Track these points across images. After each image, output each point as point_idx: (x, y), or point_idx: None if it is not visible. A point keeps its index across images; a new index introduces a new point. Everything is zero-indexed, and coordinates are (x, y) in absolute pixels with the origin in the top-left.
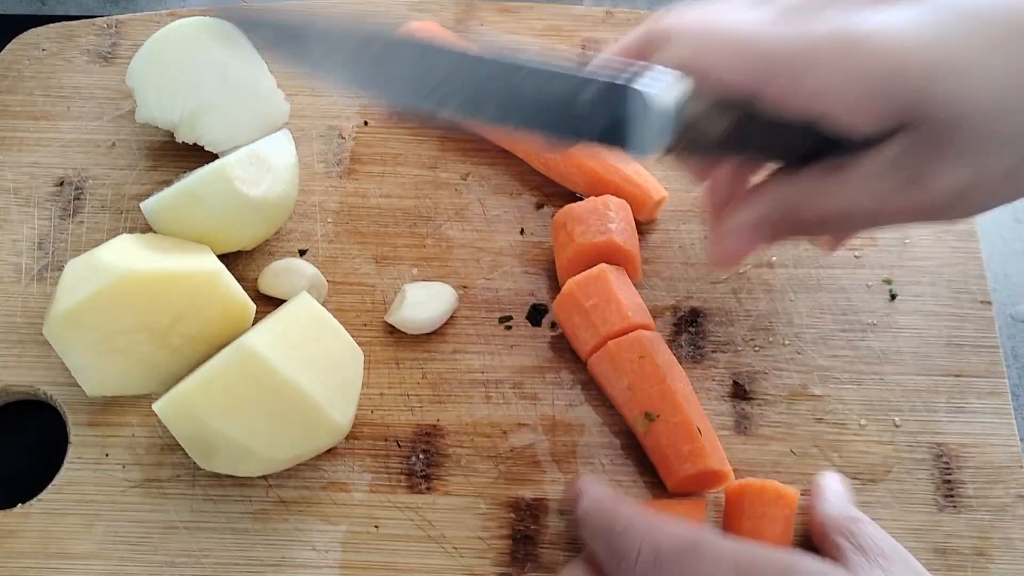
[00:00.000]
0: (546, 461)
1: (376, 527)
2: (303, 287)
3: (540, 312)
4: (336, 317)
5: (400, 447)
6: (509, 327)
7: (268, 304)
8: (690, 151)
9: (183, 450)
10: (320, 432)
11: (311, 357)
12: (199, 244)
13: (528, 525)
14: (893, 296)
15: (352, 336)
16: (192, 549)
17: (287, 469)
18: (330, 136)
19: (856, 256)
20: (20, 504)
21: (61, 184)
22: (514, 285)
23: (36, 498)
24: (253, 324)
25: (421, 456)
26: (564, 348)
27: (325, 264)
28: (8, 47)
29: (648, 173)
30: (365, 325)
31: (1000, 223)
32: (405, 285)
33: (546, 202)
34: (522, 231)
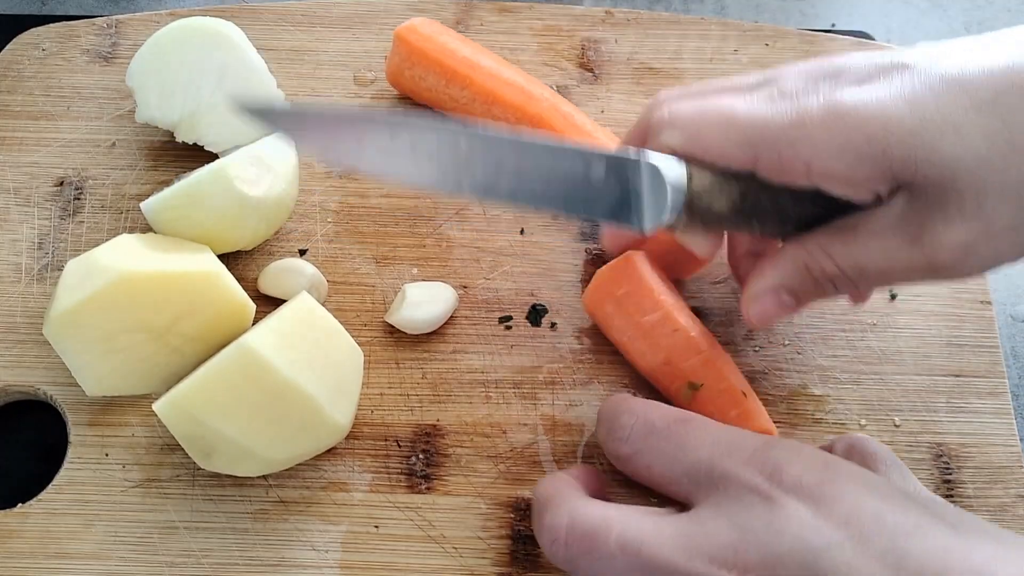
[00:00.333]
0: (546, 461)
1: (376, 527)
2: (303, 287)
3: (540, 312)
4: (336, 317)
5: (400, 447)
6: (509, 327)
7: (268, 304)
8: (699, 225)
9: (183, 450)
10: (320, 432)
11: (311, 357)
12: (199, 244)
13: (528, 525)
14: (893, 296)
15: (352, 336)
16: (192, 549)
17: (287, 469)
18: None
19: None
20: (20, 504)
21: (61, 184)
22: (514, 285)
23: (36, 498)
24: (253, 324)
25: (421, 456)
26: (564, 348)
27: (325, 264)
28: (8, 47)
29: None
30: (365, 325)
31: None
32: (405, 285)
33: None
34: (522, 231)
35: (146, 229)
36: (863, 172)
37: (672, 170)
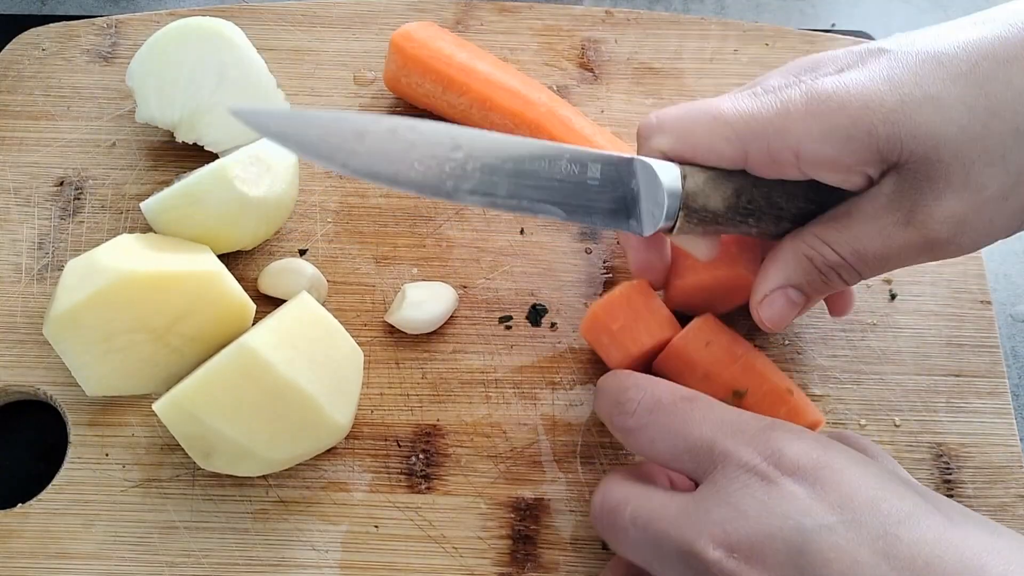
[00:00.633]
0: (546, 461)
1: (376, 527)
2: (303, 287)
3: (540, 312)
4: (336, 317)
5: (400, 447)
6: (509, 327)
7: (268, 304)
8: (696, 226)
9: (183, 450)
10: (320, 432)
11: (311, 357)
12: (199, 244)
13: (528, 525)
14: (893, 296)
15: (352, 336)
16: (192, 549)
17: (287, 469)
18: None
19: None
20: (20, 504)
21: (61, 184)
22: (514, 285)
23: (36, 498)
24: (253, 324)
25: (421, 456)
26: (564, 348)
27: (325, 264)
28: (8, 47)
29: None
30: (365, 325)
31: None
32: (405, 285)
33: None
34: (522, 231)
35: (146, 229)
36: (851, 155)
37: (665, 170)
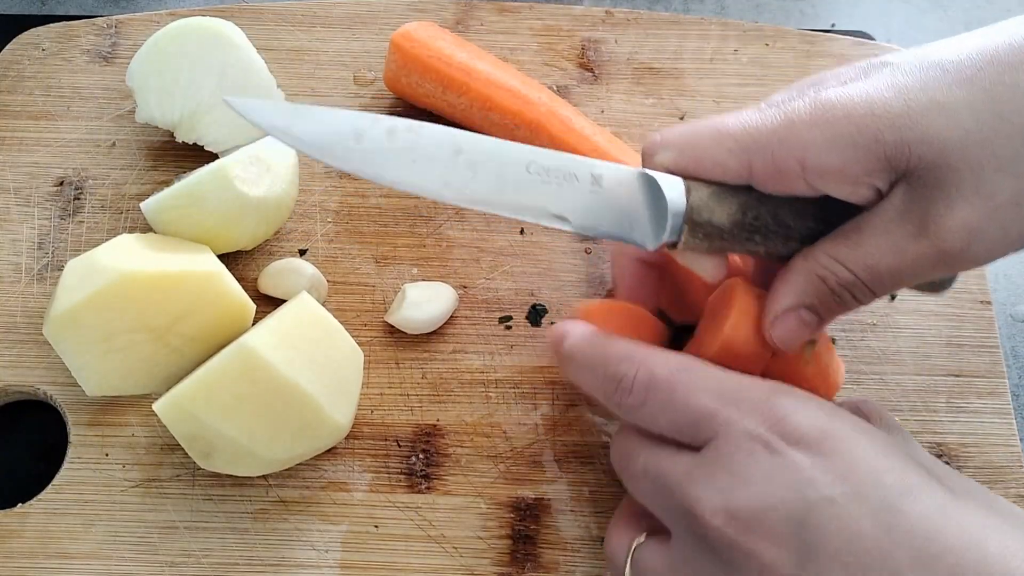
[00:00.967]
0: (546, 461)
1: (376, 527)
2: (303, 287)
3: (540, 312)
4: (336, 317)
5: (400, 447)
6: (509, 327)
7: (268, 304)
8: (702, 242)
9: (183, 450)
10: (320, 432)
11: (311, 357)
12: (199, 244)
13: (528, 525)
14: (893, 296)
15: (352, 336)
16: (192, 549)
17: (287, 469)
18: None
19: None
20: (20, 504)
21: (61, 184)
22: (514, 285)
23: (36, 498)
24: (253, 324)
25: (421, 456)
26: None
27: (325, 264)
28: (8, 47)
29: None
30: (365, 325)
31: None
32: (405, 285)
33: None
34: (522, 231)
35: (146, 229)
36: (857, 163)
37: (670, 183)
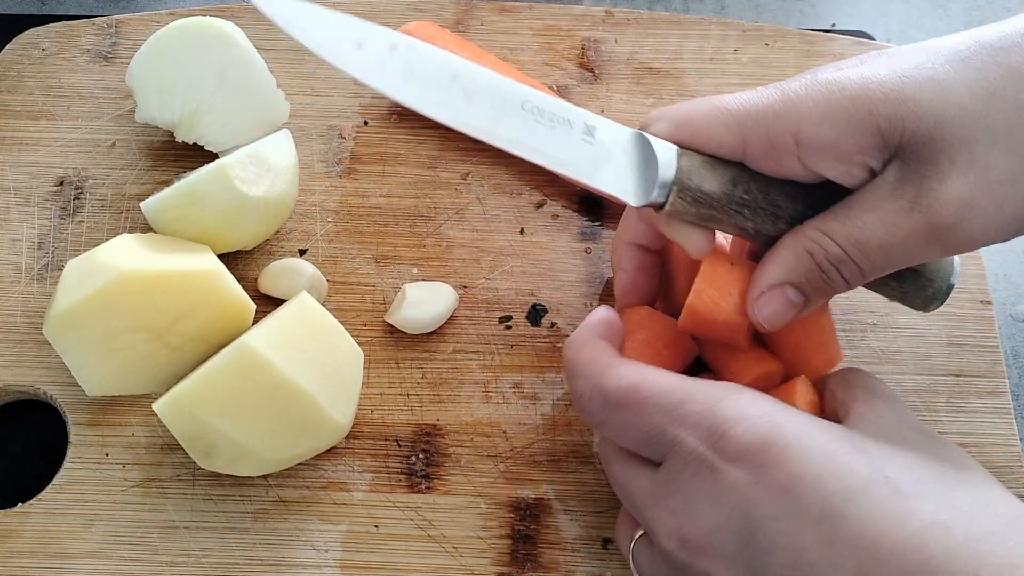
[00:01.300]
0: (546, 461)
1: (376, 527)
2: (303, 287)
3: (540, 312)
4: (336, 317)
5: (400, 447)
6: (509, 327)
7: (268, 304)
8: (690, 210)
9: (183, 450)
10: (320, 432)
11: (311, 357)
12: (199, 244)
13: (528, 525)
14: None
15: (352, 336)
16: (192, 549)
17: (287, 469)
18: (330, 136)
19: None
20: (20, 504)
21: (61, 184)
22: (514, 285)
23: (36, 498)
24: (253, 324)
25: (421, 456)
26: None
27: (325, 264)
28: (8, 47)
29: None
30: (365, 325)
31: None
32: (405, 285)
33: (546, 201)
34: (522, 231)
35: (146, 229)
36: (852, 138)
37: (663, 145)
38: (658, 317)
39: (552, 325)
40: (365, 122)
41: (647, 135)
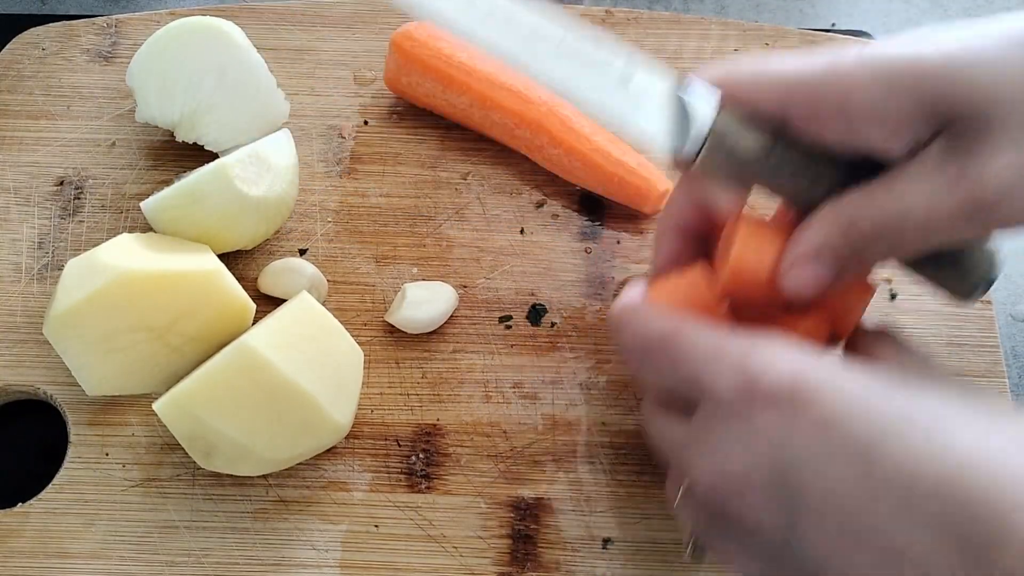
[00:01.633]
0: (546, 461)
1: (376, 526)
2: (303, 287)
3: (540, 312)
4: (336, 316)
5: (400, 446)
6: (509, 327)
7: (268, 304)
8: (723, 166)
9: (183, 450)
10: (320, 431)
11: (311, 357)
12: (199, 244)
13: (528, 525)
14: (893, 296)
15: (352, 336)
16: (192, 549)
17: (287, 469)
18: (330, 136)
19: None
20: (20, 504)
21: (61, 184)
22: (514, 285)
23: (36, 498)
24: (253, 324)
25: (421, 455)
26: (564, 348)
27: (325, 264)
28: (8, 47)
29: (652, 165)
30: (365, 325)
31: None
32: (405, 285)
33: (546, 201)
34: (522, 231)
35: (146, 229)
36: (900, 107)
37: (701, 95)
38: (694, 282)
39: (552, 325)
40: (365, 122)
41: (687, 84)
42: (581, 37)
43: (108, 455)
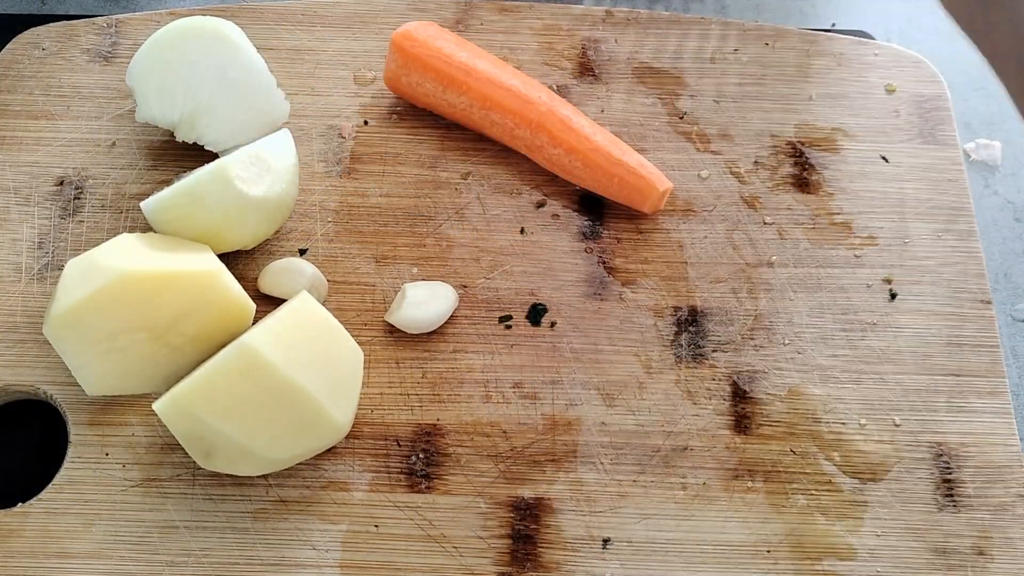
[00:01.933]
0: (546, 461)
1: (376, 526)
2: (303, 287)
3: (540, 312)
4: (336, 317)
5: (400, 446)
6: (509, 327)
7: (268, 304)
8: None
9: (183, 450)
10: (320, 431)
11: (311, 357)
12: (199, 244)
13: (528, 525)
14: (893, 295)
15: (352, 336)
16: (192, 548)
17: (287, 469)
18: (330, 136)
19: (856, 256)
20: (20, 503)
21: (61, 184)
22: (514, 285)
23: (36, 497)
24: (253, 324)
25: (421, 455)
26: (564, 348)
27: (325, 263)
28: (8, 47)
29: (651, 165)
30: (365, 325)
31: (1000, 223)
32: (405, 285)
33: (546, 201)
34: (522, 230)
35: (146, 229)
36: None
37: None
38: None
39: (552, 325)
40: (365, 122)
41: None
42: None
43: (108, 455)
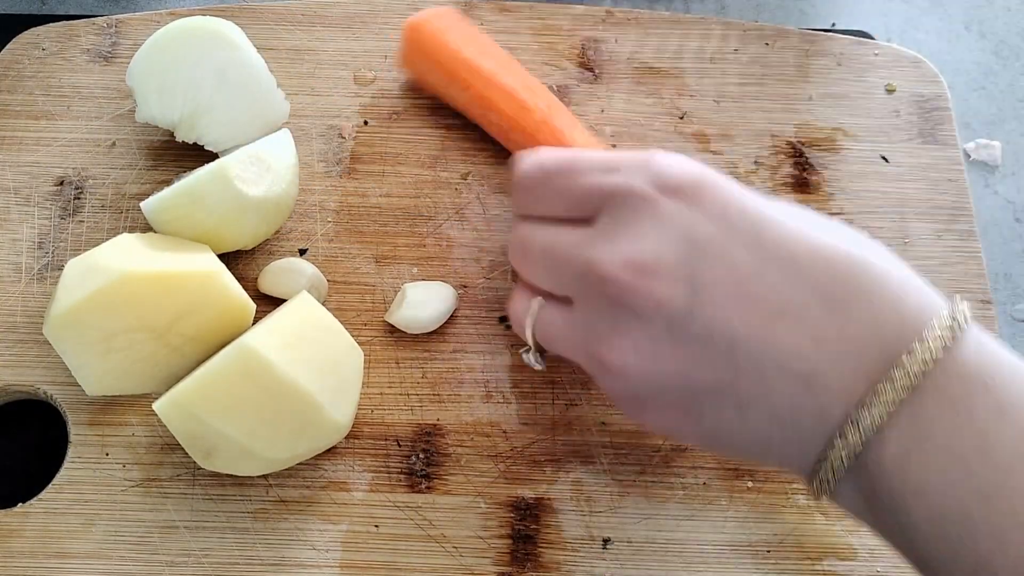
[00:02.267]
0: (546, 461)
1: (376, 526)
2: (303, 287)
3: None
4: (336, 316)
5: (400, 446)
6: (509, 327)
7: (268, 304)
8: None
9: (183, 450)
10: (320, 431)
11: (311, 357)
12: (199, 244)
13: (528, 525)
14: None
15: (352, 336)
16: (192, 549)
17: (287, 469)
18: (330, 136)
19: None
20: (20, 504)
21: (61, 184)
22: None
23: (36, 498)
24: (253, 324)
25: (421, 455)
26: None
27: (325, 263)
28: (8, 47)
29: None
30: (365, 325)
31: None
32: (405, 285)
33: None
34: None
35: (146, 229)
36: None
37: None
38: None
39: None
40: (365, 122)
41: None
42: None
43: (108, 455)
